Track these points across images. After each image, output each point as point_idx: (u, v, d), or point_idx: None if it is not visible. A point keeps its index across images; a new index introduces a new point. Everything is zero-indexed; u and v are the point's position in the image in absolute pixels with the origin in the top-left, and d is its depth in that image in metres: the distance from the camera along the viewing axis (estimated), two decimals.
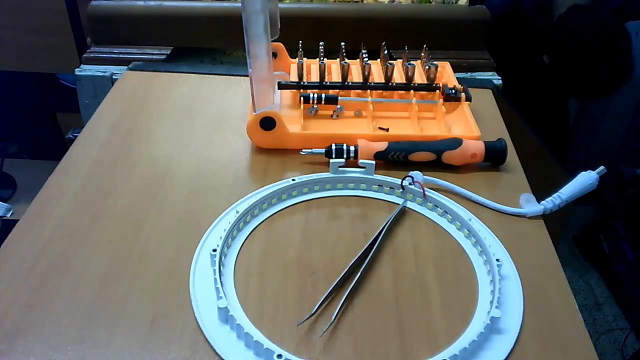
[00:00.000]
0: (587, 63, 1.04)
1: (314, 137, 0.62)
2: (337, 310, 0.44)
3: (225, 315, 0.43)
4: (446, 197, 0.56)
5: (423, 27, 0.93)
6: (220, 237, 0.49)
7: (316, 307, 0.44)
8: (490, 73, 0.91)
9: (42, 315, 0.44)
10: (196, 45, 0.97)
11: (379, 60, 0.74)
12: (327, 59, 0.71)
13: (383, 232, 0.52)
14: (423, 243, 0.52)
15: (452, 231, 0.53)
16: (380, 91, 0.70)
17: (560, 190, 0.56)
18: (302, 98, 0.67)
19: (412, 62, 0.70)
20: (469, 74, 0.90)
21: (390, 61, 0.68)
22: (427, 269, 0.49)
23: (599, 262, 1.57)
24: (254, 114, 0.61)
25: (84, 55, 0.92)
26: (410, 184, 0.57)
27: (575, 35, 1.04)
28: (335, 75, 0.72)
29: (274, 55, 0.72)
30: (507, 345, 0.42)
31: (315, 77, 0.70)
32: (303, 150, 0.60)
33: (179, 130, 0.67)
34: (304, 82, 0.69)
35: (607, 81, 1.08)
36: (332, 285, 0.46)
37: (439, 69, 0.69)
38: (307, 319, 0.43)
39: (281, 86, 0.69)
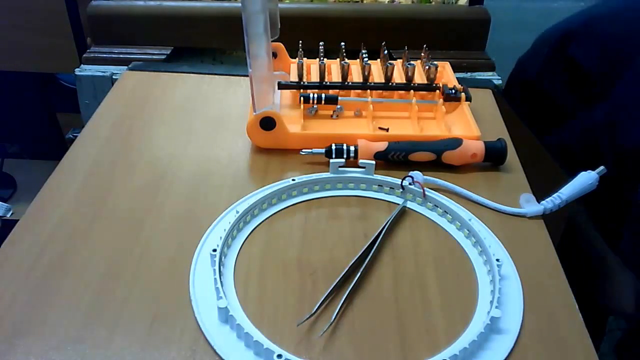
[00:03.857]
0: None
1: (314, 137, 0.62)
2: (337, 310, 0.44)
3: (225, 315, 0.43)
4: (446, 197, 0.56)
5: (423, 27, 0.93)
6: (220, 237, 0.49)
7: (316, 307, 0.44)
8: (490, 73, 0.90)
9: (42, 315, 0.44)
10: (196, 45, 0.97)
11: (379, 60, 0.74)
12: (327, 59, 0.71)
13: (383, 232, 0.52)
14: (423, 243, 0.52)
15: (452, 231, 0.53)
16: (380, 91, 0.70)
17: (560, 190, 0.56)
18: (302, 98, 0.67)
19: (412, 62, 0.70)
20: (469, 74, 0.90)
21: (390, 61, 0.68)
22: (427, 269, 0.49)
23: None
24: (254, 114, 0.60)
25: (84, 55, 0.92)
26: (410, 184, 0.57)
27: None
28: (335, 75, 0.72)
29: (274, 55, 0.72)
30: (507, 345, 0.42)
31: (315, 77, 0.70)
32: (303, 150, 0.60)
33: (179, 130, 0.67)
34: (304, 82, 0.69)
35: None
36: (332, 286, 0.46)
37: (439, 69, 0.69)
38: (307, 319, 0.43)
39: (281, 86, 0.69)
